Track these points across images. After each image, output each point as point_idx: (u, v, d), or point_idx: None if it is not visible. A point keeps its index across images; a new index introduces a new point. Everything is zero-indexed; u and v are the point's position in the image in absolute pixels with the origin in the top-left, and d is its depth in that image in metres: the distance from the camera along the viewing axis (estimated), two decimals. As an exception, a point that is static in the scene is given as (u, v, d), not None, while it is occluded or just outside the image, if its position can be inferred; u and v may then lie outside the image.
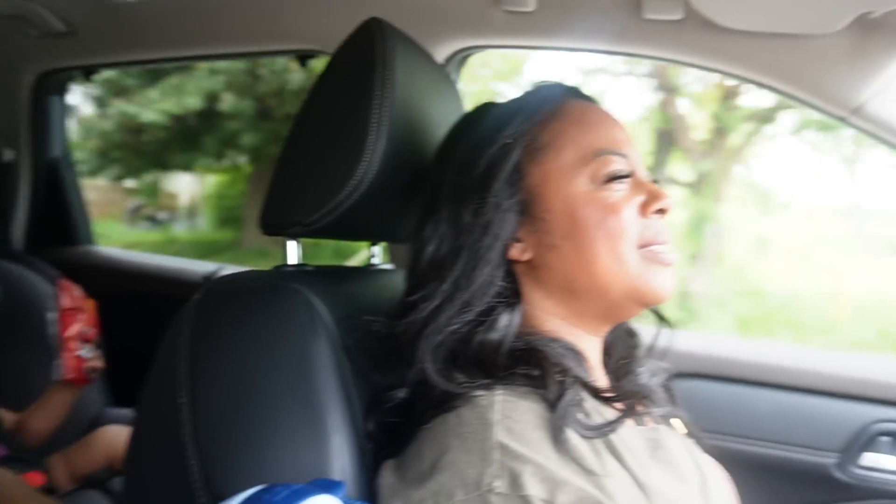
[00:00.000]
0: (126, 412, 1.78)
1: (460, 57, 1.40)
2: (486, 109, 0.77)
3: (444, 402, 0.63)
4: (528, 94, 0.77)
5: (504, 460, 0.55)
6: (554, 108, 0.74)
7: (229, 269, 1.82)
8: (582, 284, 0.70)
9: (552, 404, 0.60)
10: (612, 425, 0.62)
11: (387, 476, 0.63)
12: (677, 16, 1.13)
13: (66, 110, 2.06)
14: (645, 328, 0.85)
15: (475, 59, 1.44)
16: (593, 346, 0.75)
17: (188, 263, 2.15)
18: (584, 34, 1.24)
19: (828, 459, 1.30)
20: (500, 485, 0.54)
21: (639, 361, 0.82)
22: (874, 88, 1.12)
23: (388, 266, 1.07)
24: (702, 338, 1.43)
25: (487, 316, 0.66)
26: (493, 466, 0.55)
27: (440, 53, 1.36)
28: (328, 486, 0.53)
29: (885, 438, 1.28)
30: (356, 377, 0.71)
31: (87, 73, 1.92)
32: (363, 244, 1.10)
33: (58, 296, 1.47)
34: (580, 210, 0.69)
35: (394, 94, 0.75)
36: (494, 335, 0.66)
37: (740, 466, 0.88)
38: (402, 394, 0.67)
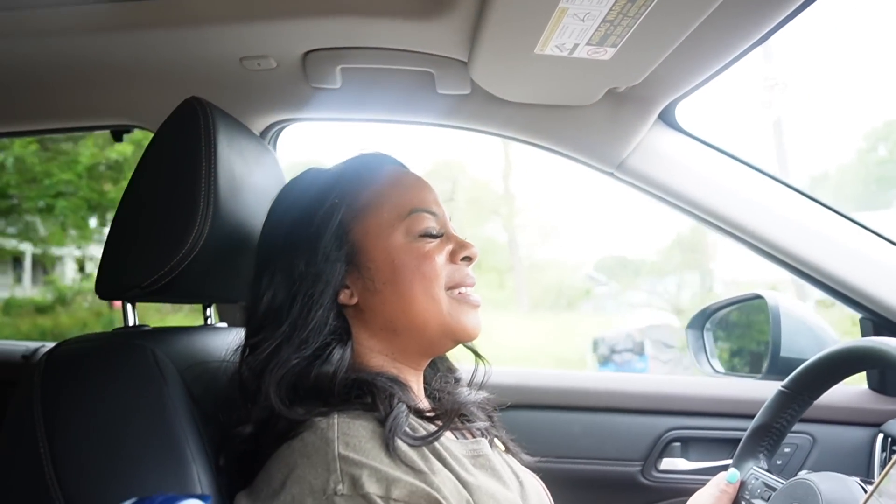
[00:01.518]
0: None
1: (276, 130, 1.47)
2: (311, 175, 0.87)
3: (288, 431, 0.70)
4: (349, 161, 0.87)
5: (344, 467, 0.64)
6: (373, 172, 0.85)
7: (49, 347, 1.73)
8: (402, 323, 0.80)
9: (382, 422, 0.69)
10: (434, 435, 0.71)
11: (241, 502, 0.68)
12: (465, 91, 1.28)
13: None
14: (463, 365, 0.96)
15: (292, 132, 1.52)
16: (415, 378, 0.84)
17: (4, 344, 2.00)
18: (385, 108, 1.36)
19: (633, 468, 1.47)
20: (342, 488, 0.62)
21: (456, 387, 0.93)
22: (630, 148, 1.33)
23: (221, 325, 1.10)
24: (516, 371, 1.56)
25: (322, 352, 0.75)
26: (336, 474, 0.63)
27: (256, 127, 1.42)
28: (198, 498, 0.56)
29: (675, 444, 1.48)
30: (204, 420, 0.75)
31: None
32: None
33: None
34: (398, 259, 0.80)
35: (219, 165, 0.81)
36: (329, 368, 0.74)
37: (560, 483, 0.99)
38: (248, 429, 0.73)
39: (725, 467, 1.10)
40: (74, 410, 0.70)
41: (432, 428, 0.75)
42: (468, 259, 0.84)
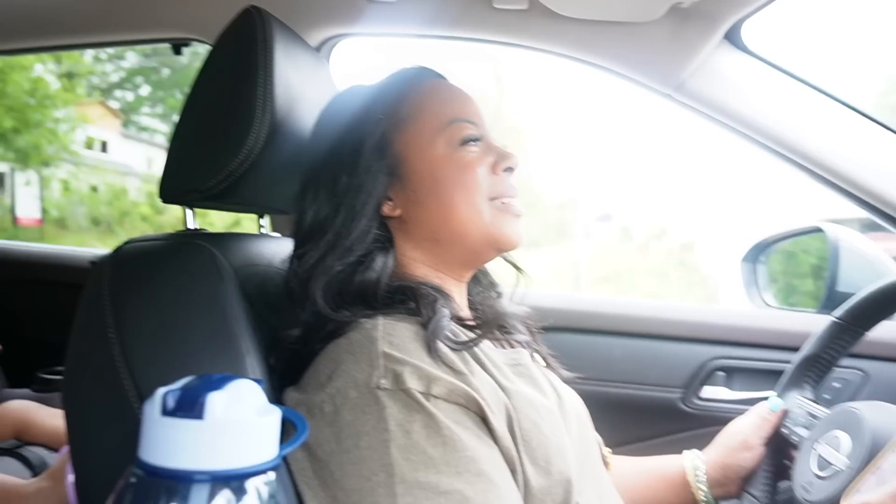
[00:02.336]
0: (22, 391, 1.79)
1: (331, 44, 1.47)
2: (353, 91, 0.87)
3: (335, 331, 0.73)
4: (391, 76, 0.87)
5: (387, 364, 0.66)
6: (413, 85, 0.85)
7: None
8: (444, 234, 0.81)
9: (425, 325, 0.71)
10: (474, 340, 0.74)
11: (290, 395, 0.72)
12: (523, 6, 1.24)
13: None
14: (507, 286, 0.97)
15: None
16: (458, 289, 0.86)
17: (72, 250, 2.12)
18: (441, 23, 1.34)
19: (674, 394, 1.48)
20: (385, 382, 0.65)
21: (497, 300, 0.95)
22: (691, 69, 1.28)
23: (275, 234, 1.14)
24: (557, 294, 1.58)
25: (365, 259, 0.77)
26: (379, 369, 0.66)
27: (312, 40, 1.42)
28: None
29: (719, 373, 1.48)
30: (256, 319, 0.78)
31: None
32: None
33: None
34: (439, 169, 0.81)
35: (275, 75, 0.82)
36: (372, 274, 0.76)
37: (599, 405, 1.00)
38: (296, 331, 0.77)
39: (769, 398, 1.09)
40: (140, 301, 0.74)
41: (472, 335, 0.77)
42: (510, 170, 0.84)
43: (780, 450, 1.05)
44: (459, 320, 0.78)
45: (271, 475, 0.44)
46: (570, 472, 0.72)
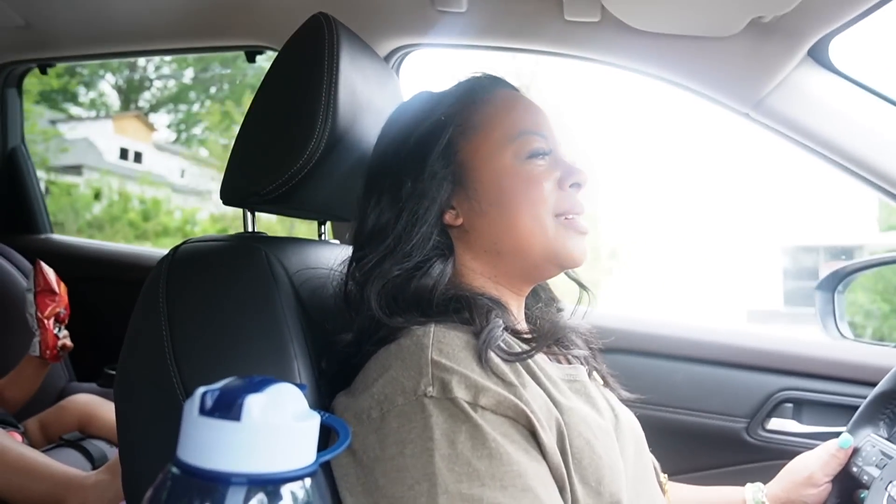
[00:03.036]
0: (88, 385, 1.87)
1: (400, 55, 1.48)
2: (422, 97, 0.87)
3: (387, 337, 0.72)
4: (462, 83, 0.87)
5: (436, 372, 0.65)
6: (484, 94, 0.84)
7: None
8: (506, 246, 0.80)
9: (477, 335, 0.70)
10: (528, 352, 0.72)
11: (339, 399, 0.72)
12: (594, 18, 1.22)
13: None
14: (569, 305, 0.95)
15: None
16: (516, 302, 0.85)
17: (143, 250, 2.21)
18: (511, 34, 1.33)
19: (738, 424, 1.42)
20: (432, 390, 0.64)
21: (556, 315, 0.93)
22: (771, 87, 1.23)
23: (334, 241, 1.15)
24: (619, 315, 1.53)
25: (423, 265, 0.76)
26: (427, 377, 0.65)
27: (381, 50, 1.44)
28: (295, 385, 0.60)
29: (787, 405, 1.41)
30: (310, 325, 0.79)
31: (41, 67, 1.97)
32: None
33: (35, 277, 1.55)
34: (505, 181, 0.79)
35: (340, 81, 0.83)
36: (429, 281, 0.75)
37: (659, 430, 0.98)
38: (350, 336, 0.76)
39: (840, 434, 1.03)
40: (193, 301, 0.76)
41: (526, 348, 0.75)
42: (577, 185, 0.82)
43: (848, 489, 0.99)
44: (515, 333, 0.76)
45: (307, 481, 0.43)
46: (621, 495, 0.69)
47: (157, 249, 2.19)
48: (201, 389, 0.40)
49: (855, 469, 0.96)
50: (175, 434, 0.42)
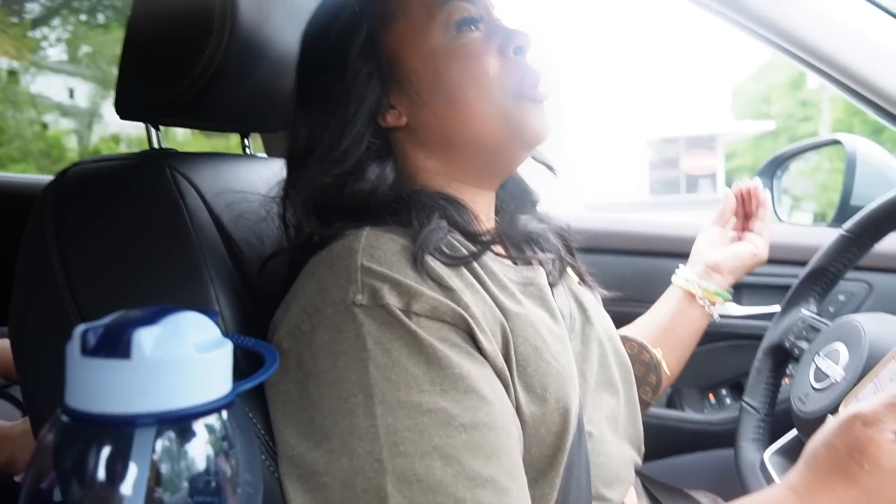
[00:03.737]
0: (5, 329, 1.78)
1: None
2: None
3: (319, 244, 0.67)
4: None
5: (365, 279, 0.61)
6: None
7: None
8: (460, 136, 0.73)
9: (415, 237, 0.65)
10: (467, 256, 0.67)
11: (276, 316, 0.68)
12: None
13: None
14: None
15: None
16: (484, 200, 0.79)
17: (29, 177, 2.05)
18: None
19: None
20: (361, 298, 0.60)
21: (526, 210, 0.87)
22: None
23: (261, 155, 1.07)
24: (571, 215, 1.53)
25: (356, 170, 0.70)
26: (356, 284, 0.61)
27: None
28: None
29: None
30: (232, 245, 0.74)
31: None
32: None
33: None
34: (441, 63, 0.72)
35: None
36: (364, 185, 0.70)
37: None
38: (284, 254, 0.72)
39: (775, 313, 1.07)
40: (84, 228, 0.69)
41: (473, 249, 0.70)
42: (520, 49, 0.74)
43: (780, 362, 1.04)
44: (468, 233, 0.71)
45: (224, 413, 0.41)
46: (569, 401, 0.67)
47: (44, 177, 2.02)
48: (81, 327, 0.37)
49: (787, 344, 1.00)
50: None
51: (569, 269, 0.86)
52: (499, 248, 0.74)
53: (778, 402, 1.03)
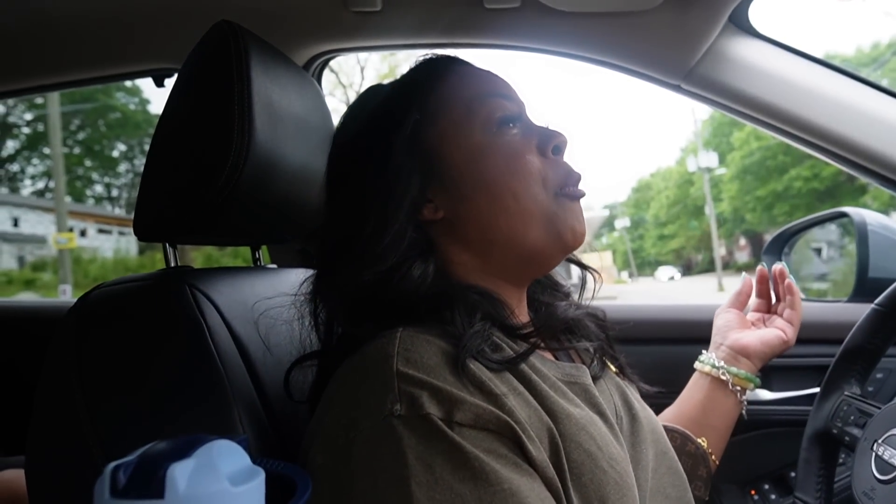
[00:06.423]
0: (17, 459, 1.71)
1: (320, 62, 1.41)
2: (373, 90, 0.79)
3: (353, 348, 0.64)
4: (412, 69, 0.79)
5: (403, 386, 0.57)
6: (436, 74, 0.76)
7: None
8: (499, 232, 0.71)
9: (456, 338, 0.62)
10: (519, 357, 0.64)
11: (310, 427, 0.64)
12: (515, 3, 1.18)
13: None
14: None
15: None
16: (517, 295, 0.76)
17: (41, 301, 2.05)
18: (430, 29, 1.28)
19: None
20: (399, 408, 0.56)
21: (561, 299, 0.85)
22: (698, 56, 1.21)
23: (271, 266, 1.07)
24: (617, 305, 1.50)
25: (400, 268, 0.68)
26: (393, 393, 0.57)
27: (298, 60, 1.36)
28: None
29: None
30: (251, 360, 0.72)
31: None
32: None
33: None
34: (482, 159, 0.71)
35: (253, 92, 0.74)
36: (409, 284, 0.67)
37: None
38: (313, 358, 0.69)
39: (813, 396, 1.02)
40: (108, 354, 0.67)
41: (522, 348, 0.67)
42: (558, 150, 0.75)
43: (830, 452, 0.98)
44: (508, 329, 0.68)
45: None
46: None
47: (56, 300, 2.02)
48: (112, 465, 0.33)
49: (835, 430, 0.94)
50: None
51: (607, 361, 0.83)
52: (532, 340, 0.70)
53: (834, 493, 0.95)
